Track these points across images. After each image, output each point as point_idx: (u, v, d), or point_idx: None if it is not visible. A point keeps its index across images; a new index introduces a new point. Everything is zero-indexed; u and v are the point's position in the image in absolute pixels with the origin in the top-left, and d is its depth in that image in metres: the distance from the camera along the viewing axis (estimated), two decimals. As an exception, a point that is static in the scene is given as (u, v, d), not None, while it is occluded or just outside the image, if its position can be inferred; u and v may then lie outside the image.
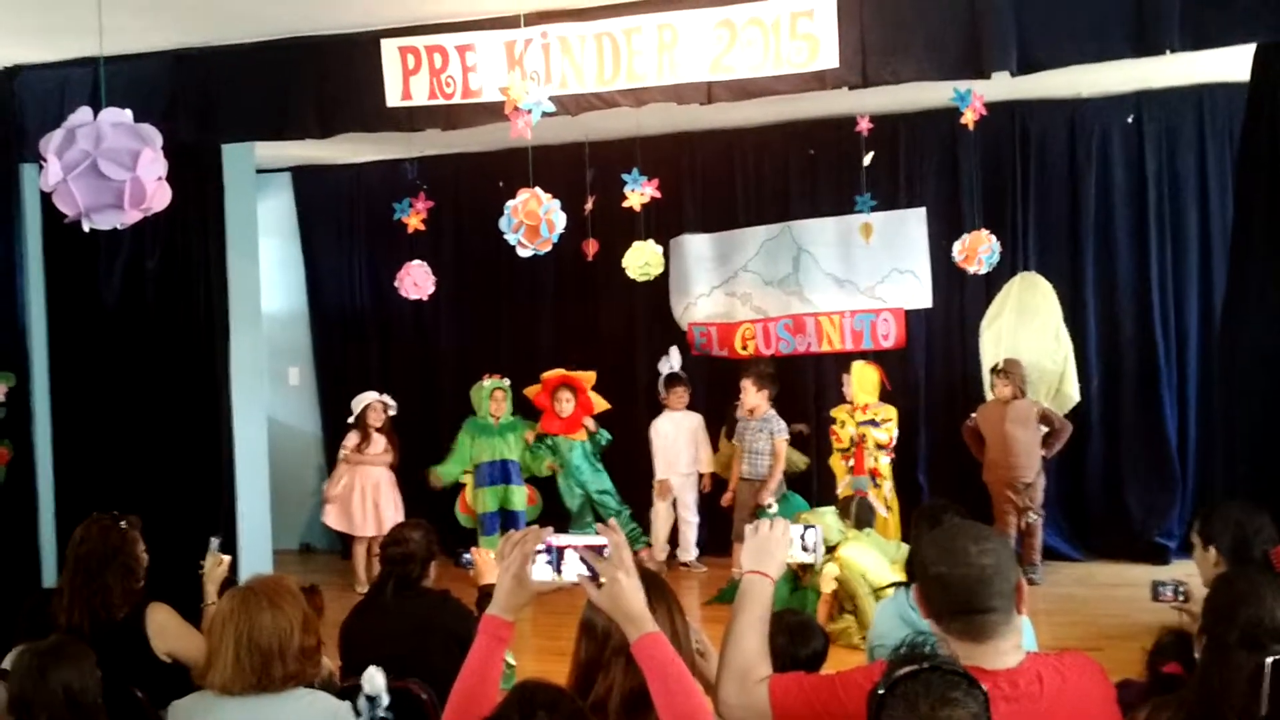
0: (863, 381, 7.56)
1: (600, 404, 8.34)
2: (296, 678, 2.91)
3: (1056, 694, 2.17)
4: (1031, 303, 7.73)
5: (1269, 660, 1.96)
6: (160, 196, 2.90)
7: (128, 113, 2.88)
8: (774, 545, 2.51)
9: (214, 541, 4.28)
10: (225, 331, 6.59)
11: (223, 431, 6.61)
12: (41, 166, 3.05)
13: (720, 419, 8.29)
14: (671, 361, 8.43)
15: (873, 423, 7.50)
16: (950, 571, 2.19)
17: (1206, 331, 7.85)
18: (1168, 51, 4.62)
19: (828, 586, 6.41)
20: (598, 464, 8.42)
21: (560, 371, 8.30)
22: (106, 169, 2.72)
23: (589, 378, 8.30)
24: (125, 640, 3.63)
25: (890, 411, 7.61)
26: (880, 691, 1.86)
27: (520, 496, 8.12)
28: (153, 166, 2.81)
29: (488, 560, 4.38)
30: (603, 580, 2.15)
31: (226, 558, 4.23)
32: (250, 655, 2.82)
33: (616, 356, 8.58)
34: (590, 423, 8.37)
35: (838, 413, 7.73)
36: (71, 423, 6.58)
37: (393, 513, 8.04)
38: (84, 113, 2.83)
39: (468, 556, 4.38)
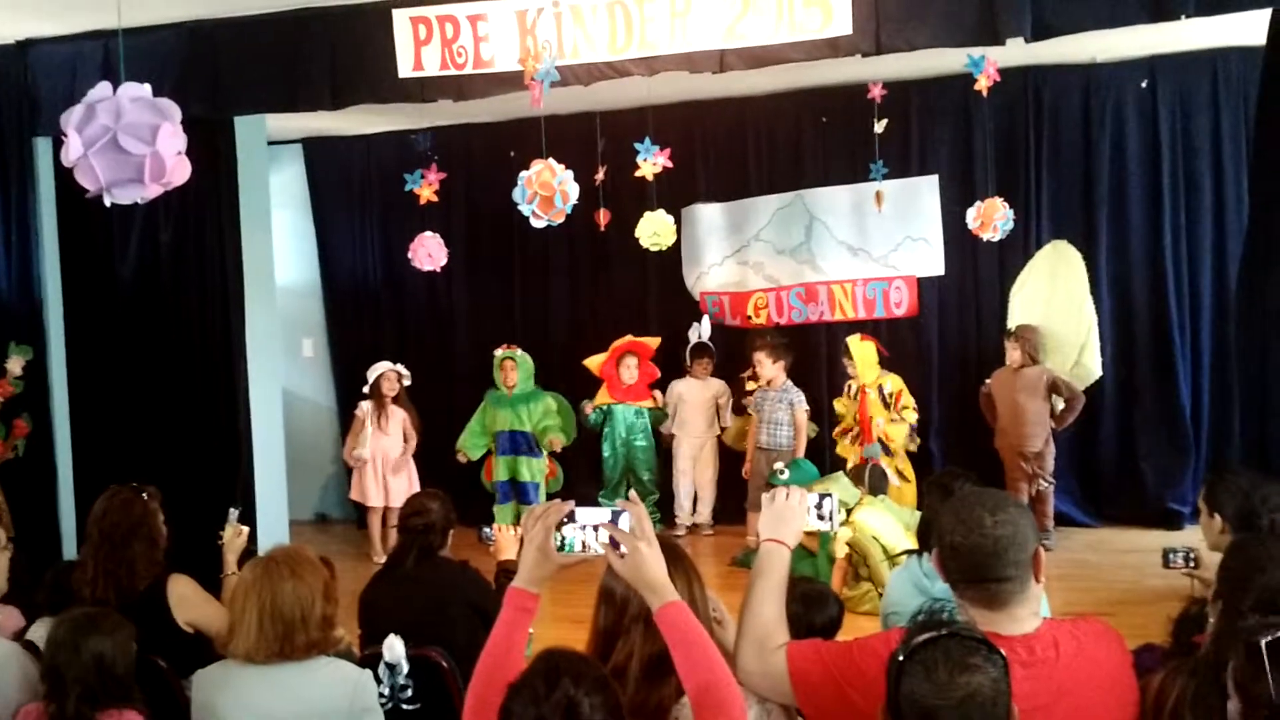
0: (863, 357, 7.56)
1: (657, 371, 8.38)
2: (318, 646, 2.94)
3: (1073, 659, 2.19)
4: (1060, 272, 7.69)
5: (1264, 641, 1.96)
6: (180, 171, 2.91)
7: (146, 87, 2.88)
8: (791, 514, 2.53)
9: (233, 513, 4.32)
10: (240, 303, 6.61)
11: (238, 403, 6.64)
12: (59, 141, 3.05)
13: (730, 388, 8.32)
14: (701, 330, 8.43)
15: (884, 400, 7.50)
16: (965, 540, 2.21)
17: (1221, 297, 7.83)
18: (1182, 17, 4.60)
19: (840, 551, 6.45)
20: (651, 438, 8.43)
21: (630, 338, 8.30)
22: (127, 144, 2.73)
23: (653, 344, 8.31)
24: (148, 611, 3.66)
25: (897, 381, 7.59)
26: (899, 658, 1.88)
27: (529, 468, 8.10)
28: (172, 141, 2.82)
29: (508, 536, 4.41)
30: (625, 551, 2.17)
31: (245, 528, 4.27)
32: (273, 624, 2.86)
33: (630, 326, 8.57)
34: (659, 395, 8.40)
35: (841, 406, 7.78)
36: (89, 396, 6.61)
37: (404, 485, 8.09)
38: (103, 87, 2.84)
39: (488, 531, 4.40)
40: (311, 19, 5.57)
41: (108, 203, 2.91)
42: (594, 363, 8.36)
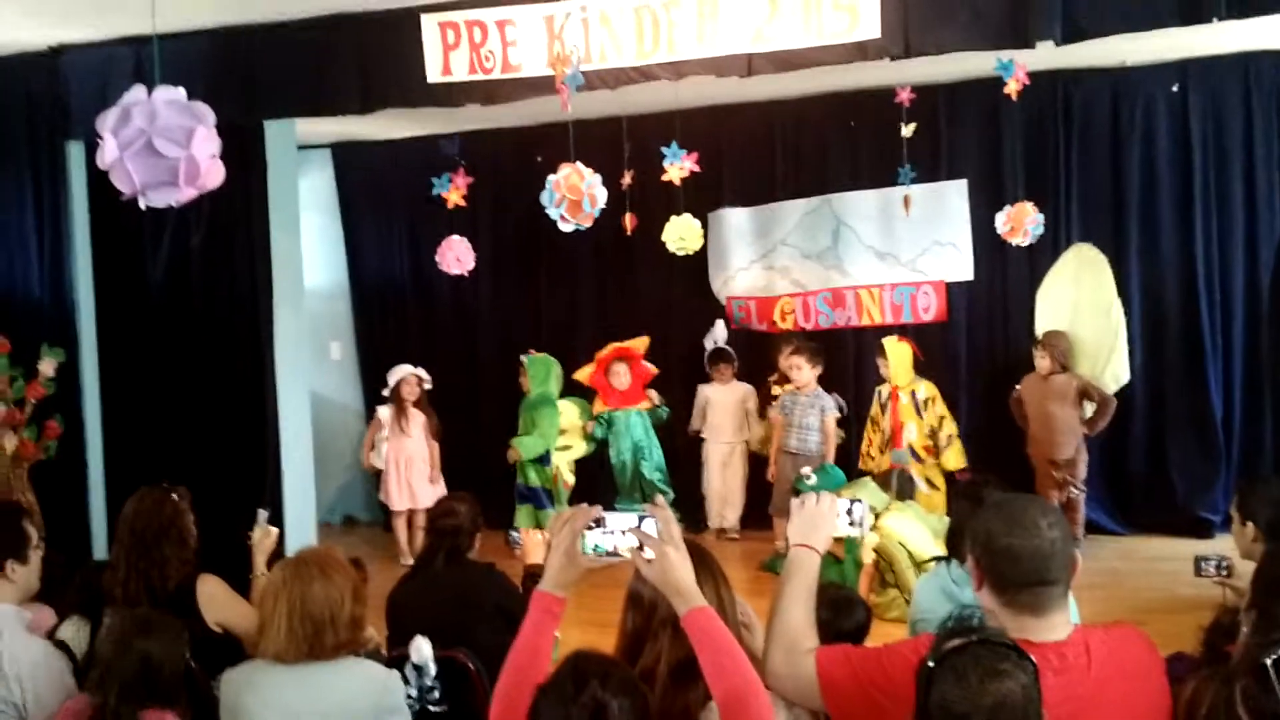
0: (898, 359, 7.51)
1: (652, 369, 8.35)
2: (347, 646, 2.96)
3: (1104, 665, 2.17)
4: (1087, 276, 7.62)
5: (1269, 661, 1.95)
6: (214, 174, 2.94)
7: (181, 90, 2.91)
8: (820, 519, 2.53)
9: (262, 514, 4.34)
10: (269, 307, 6.65)
11: (268, 405, 6.68)
12: (92, 145, 3.08)
13: (758, 393, 8.29)
14: (716, 336, 8.42)
15: (916, 407, 7.46)
16: (1024, 544, 2.19)
17: (1253, 303, 7.78)
18: (1214, 20, 4.56)
19: (867, 556, 6.42)
20: (654, 439, 8.42)
21: (613, 346, 8.28)
22: (161, 146, 2.76)
23: (641, 345, 8.29)
24: (177, 611, 3.66)
25: (931, 388, 7.55)
26: (929, 664, 1.87)
27: (539, 474, 8.00)
28: (206, 144, 2.84)
29: (535, 540, 4.43)
30: (651, 555, 2.17)
31: (274, 530, 4.29)
32: (303, 624, 2.87)
33: (656, 330, 8.57)
34: (655, 395, 8.38)
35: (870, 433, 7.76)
36: (120, 397, 6.67)
37: (427, 488, 8.11)
38: (138, 91, 2.87)
39: (515, 535, 4.42)
40: (341, 24, 5.61)
41: (143, 205, 2.93)
42: (583, 375, 8.35)
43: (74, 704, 3.09)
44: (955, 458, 7.44)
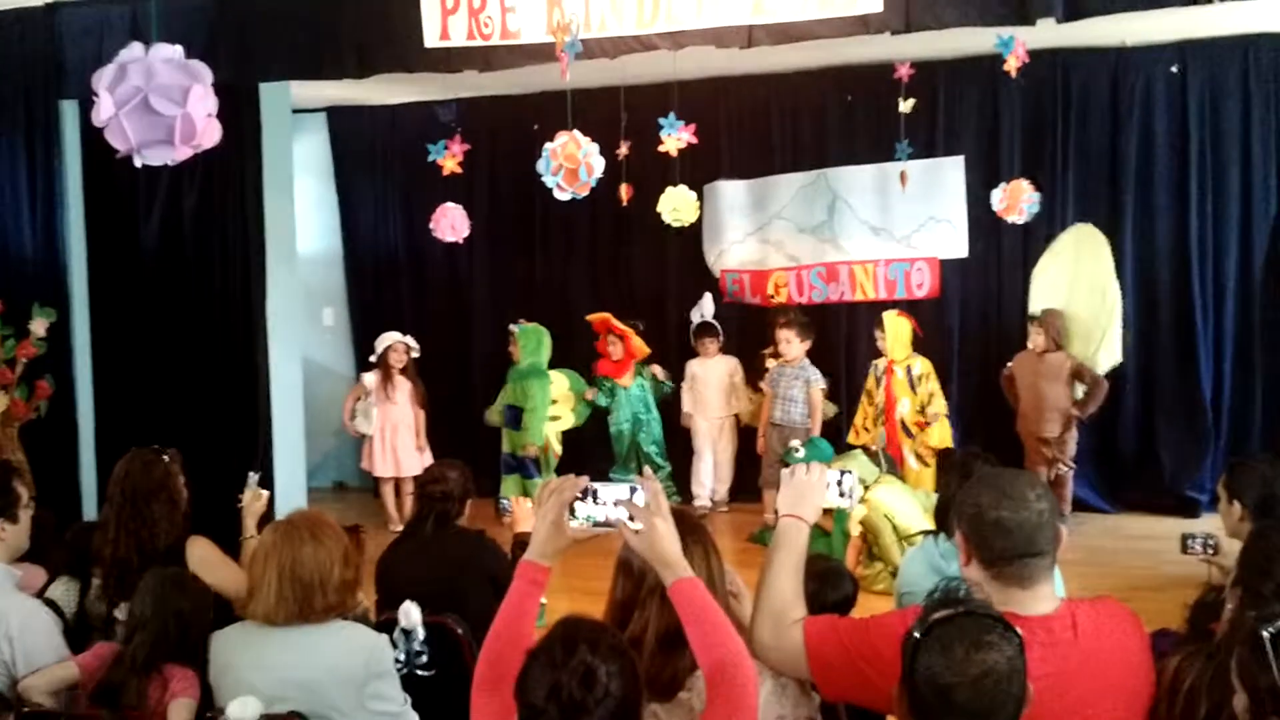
0: (896, 333, 7.51)
1: (643, 349, 8.32)
2: (336, 609, 2.97)
3: (1090, 639, 2.19)
4: (1084, 256, 7.60)
5: (1267, 633, 1.96)
6: (210, 133, 2.92)
7: (178, 49, 2.89)
8: (810, 490, 2.53)
9: (253, 476, 4.33)
10: (262, 270, 6.63)
11: (259, 369, 6.67)
12: (85, 104, 3.07)
13: (751, 366, 8.30)
14: (704, 310, 8.40)
15: (910, 382, 7.46)
16: (1013, 515, 2.20)
17: (1245, 285, 7.80)
18: (1215, 1, 4.55)
19: (855, 529, 6.45)
20: (654, 412, 8.42)
21: (603, 316, 8.29)
22: (158, 104, 2.74)
23: (626, 330, 8.27)
24: (167, 572, 3.69)
25: (926, 365, 7.54)
26: (915, 635, 1.88)
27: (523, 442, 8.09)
28: (203, 103, 2.83)
29: (524, 509, 4.45)
30: (639, 526, 2.18)
31: (265, 492, 4.28)
32: (292, 587, 2.88)
33: (650, 302, 8.58)
34: (660, 370, 8.38)
35: (861, 406, 7.78)
36: (111, 358, 6.66)
37: (412, 455, 8.12)
38: (135, 48, 2.84)
39: (505, 503, 4.43)
40: (339, -13, 5.58)
41: (138, 163, 2.92)
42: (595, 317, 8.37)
43: (101, 648, 3.23)
44: (940, 435, 7.45)
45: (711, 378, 8.36)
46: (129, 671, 3.08)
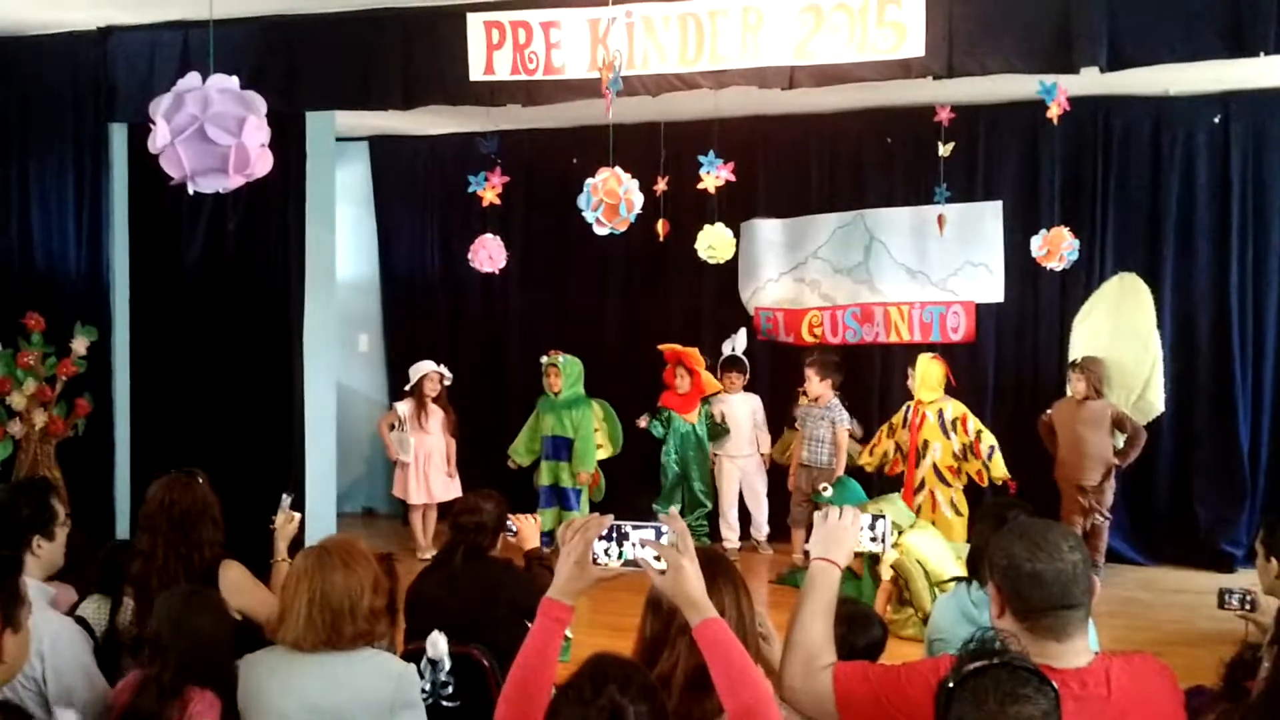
0: (926, 376, 7.46)
1: (713, 384, 8.28)
2: (365, 637, 2.97)
3: (1125, 694, 2.16)
4: (1126, 304, 7.57)
5: None
6: (263, 163, 2.96)
7: (234, 79, 2.94)
8: (843, 533, 2.52)
9: (285, 499, 4.35)
10: (300, 295, 6.70)
11: (294, 394, 6.72)
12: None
13: (783, 404, 8.27)
14: (736, 343, 8.38)
15: (943, 427, 7.40)
16: (1048, 568, 2.18)
17: (1285, 339, 7.73)
18: (1261, 54, 4.54)
19: (886, 574, 6.40)
20: (707, 449, 8.35)
21: (675, 346, 8.26)
22: (213, 134, 2.78)
23: (696, 355, 8.23)
24: (200, 594, 3.70)
25: (959, 407, 7.47)
26: (949, 685, 1.86)
27: (565, 475, 8.06)
28: (257, 133, 2.87)
29: (529, 525, 4.45)
30: (664, 567, 2.17)
31: (297, 515, 4.30)
32: (322, 613, 2.88)
33: (684, 338, 8.57)
34: (718, 412, 8.31)
35: (879, 435, 7.75)
36: (149, 378, 6.73)
37: (443, 483, 8.17)
38: (192, 78, 2.90)
39: (510, 524, 4.40)
40: (387, 19, 5.66)
41: (191, 191, 2.96)
42: (668, 347, 8.34)
43: (131, 679, 3.17)
44: (999, 467, 7.33)
45: (738, 415, 8.29)
46: (155, 699, 3.04)
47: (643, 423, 8.29)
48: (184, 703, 3.06)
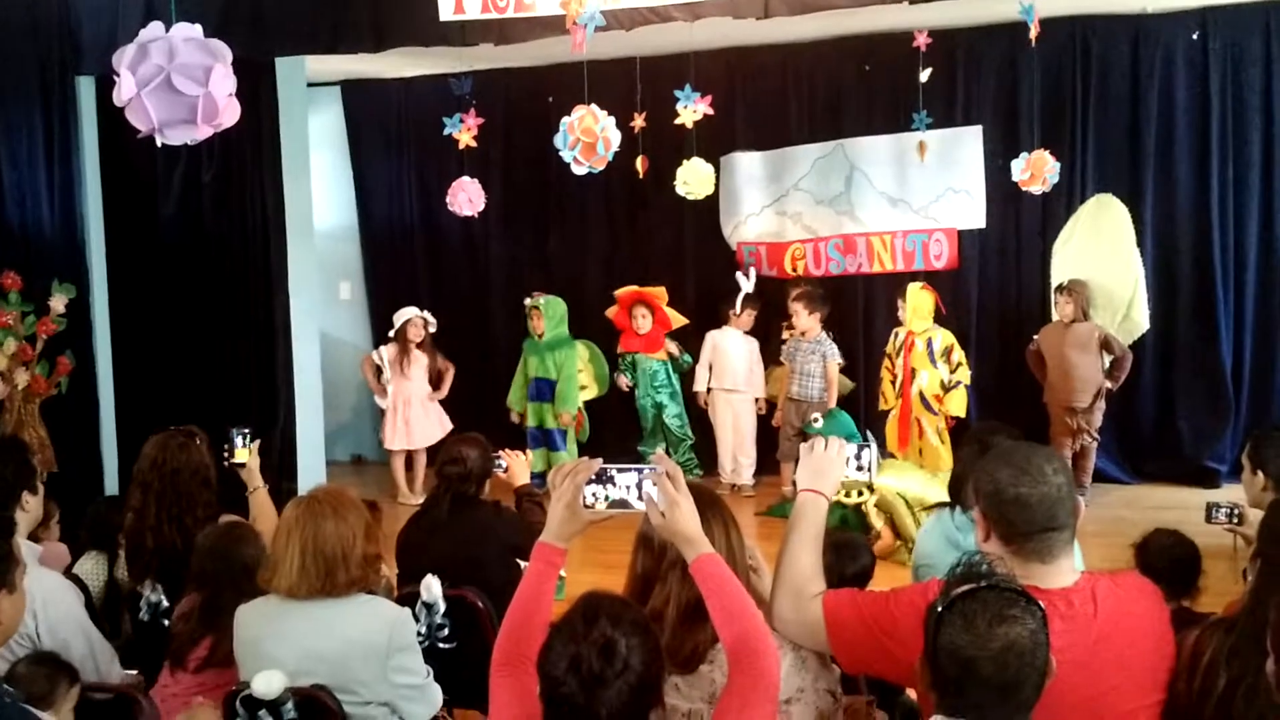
0: (917, 305, 7.45)
1: (678, 319, 8.27)
2: (358, 584, 2.98)
3: (1111, 612, 2.19)
4: (1106, 226, 7.57)
5: None
6: (230, 112, 2.93)
7: (198, 28, 2.89)
8: (829, 464, 2.53)
9: (237, 435, 4.24)
10: (282, 245, 6.68)
11: (278, 344, 6.72)
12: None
13: (767, 337, 8.27)
14: (749, 281, 8.25)
15: (931, 355, 7.40)
16: (1032, 491, 2.19)
17: (1266, 254, 7.75)
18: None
19: (878, 520, 6.46)
20: (676, 385, 8.36)
21: (633, 288, 8.24)
22: (180, 84, 2.74)
23: (660, 293, 8.22)
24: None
25: (948, 337, 7.46)
26: (938, 608, 1.89)
27: (548, 417, 8.05)
28: (224, 82, 2.83)
29: (519, 461, 4.46)
30: (660, 508, 2.18)
31: (256, 442, 4.27)
32: (315, 561, 2.90)
33: (667, 275, 8.55)
34: (674, 346, 8.31)
35: (884, 372, 7.72)
36: (130, 334, 6.71)
37: (424, 427, 8.16)
38: (156, 27, 2.84)
39: (500, 461, 4.41)
40: (355, -40, 5.57)
41: (159, 143, 2.93)
42: (610, 312, 8.34)
43: (187, 602, 3.37)
44: (957, 404, 7.39)
45: (736, 351, 8.21)
46: (197, 626, 3.25)
47: (622, 383, 8.30)
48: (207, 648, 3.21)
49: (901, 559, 6.21)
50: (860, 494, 6.46)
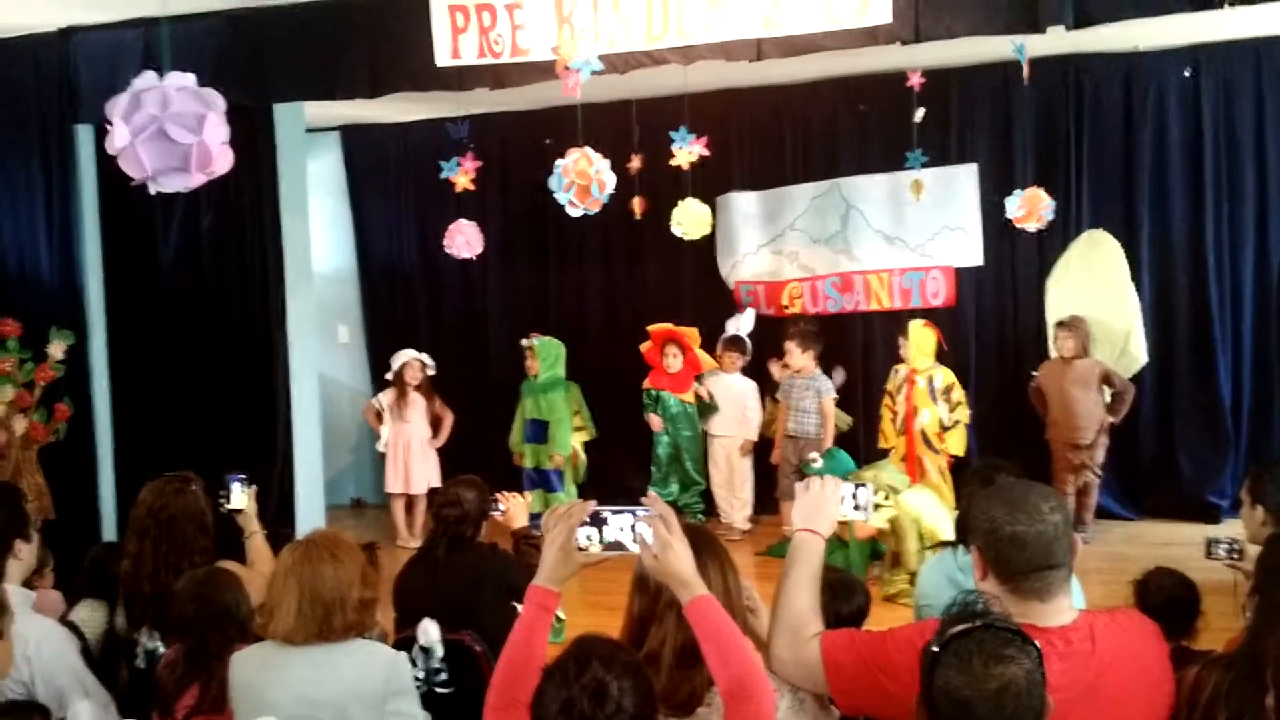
0: (920, 343, 7.42)
1: (709, 363, 8.23)
2: (355, 628, 2.97)
3: (1110, 650, 2.18)
4: (1099, 261, 7.60)
5: None
6: (224, 160, 2.95)
7: (191, 77, 2.91)
8: (825, 503, 2.53)
9: (234, 482, 4.22)
10: (280, 289, 6.69)
11: (278, 388, 6.71)
12: (101, 128, 3.09)
13: (767, 377, 8.26)
14: (741, 323, 8.29)
15: (932, 393, 7.37)
16: (1028, 529, 2.18)
17: (1262, 289, 7.78)
18: (1225, 5, 4.54)
19: (878, 522, 6.38)
20: (697, 429, 8.31)
21: (667, 326, 8.21)
22: (173, 133, 2.76)
23: (693, 334, 8.19)
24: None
25: (949, 375, 7.41)
26: (934, 649, 1.87)
27: (544, 458, 7.99)
28: (217, 130, 2.85)
29: (517, 503, 4.44)
30: (653, 549, 2.17)
31: (253, 487, 4.24)
32: (312, 606, 2.88)
33: (665, 315, 8.55)
34: (703, 390, 8.24)
35: (885, 410, 7.67)
36: (129, 380, 6.70)
37: (423, 471, 8.14)
38: (149, 77, 2.87)
39: (498, 503, 4.39)
40: (350, 8, 5.63)
41: (153, 191, 2.94)
42: (645, 347, 8.30)
43: (171, 651, 3.33)
44: (956, 443, 7.36)
45: (727, 395, 8.20)
46: (182, 674, 3.19)
47: (656, 424, 8.25)
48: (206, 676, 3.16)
49: (899, 589, 6.17)
50: (886, 496, 6.40)
